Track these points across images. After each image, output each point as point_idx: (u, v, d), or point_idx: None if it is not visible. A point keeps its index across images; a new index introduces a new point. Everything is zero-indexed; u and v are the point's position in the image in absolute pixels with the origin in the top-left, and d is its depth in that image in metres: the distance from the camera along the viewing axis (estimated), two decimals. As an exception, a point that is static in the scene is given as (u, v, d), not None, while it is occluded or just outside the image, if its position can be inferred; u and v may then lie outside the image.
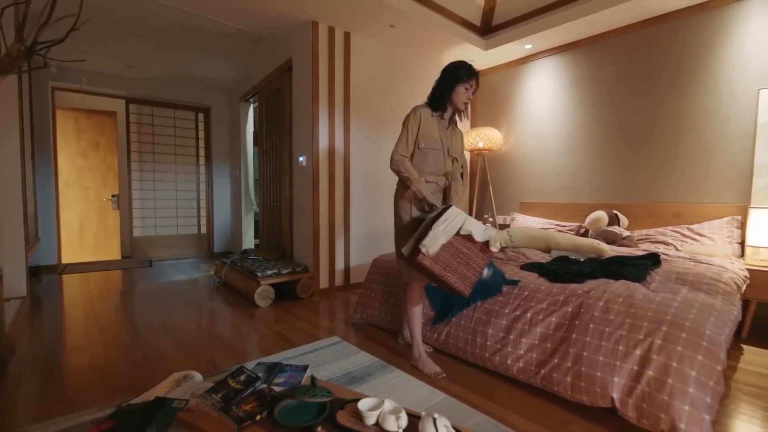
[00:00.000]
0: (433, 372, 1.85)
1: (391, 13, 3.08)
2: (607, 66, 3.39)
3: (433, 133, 1.91)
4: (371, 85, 3.65)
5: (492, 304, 1.93)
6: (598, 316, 1.60)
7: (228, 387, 1.22)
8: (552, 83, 3.80)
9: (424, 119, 1.92)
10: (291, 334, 2.43)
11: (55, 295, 3.36)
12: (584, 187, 3.59)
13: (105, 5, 2.96)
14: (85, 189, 5.14)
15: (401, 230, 1.91)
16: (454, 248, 1.66)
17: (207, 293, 3.48)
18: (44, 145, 4.25)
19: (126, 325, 2.59)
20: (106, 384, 1.77)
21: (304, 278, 3.24)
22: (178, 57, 4.16)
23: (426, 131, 1.91)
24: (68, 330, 2.49)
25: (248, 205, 5.36)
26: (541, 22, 3.33)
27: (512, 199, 4.20)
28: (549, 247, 2.71)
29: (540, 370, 1.65)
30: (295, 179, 3.69)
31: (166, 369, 1.92)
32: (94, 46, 3.81)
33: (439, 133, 1.93)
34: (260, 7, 3.02)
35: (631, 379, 1.43)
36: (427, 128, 1.91)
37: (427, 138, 1.90)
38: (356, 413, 1.13)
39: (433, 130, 1.92)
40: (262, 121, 4.40)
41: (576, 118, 3.62)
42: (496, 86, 4.32)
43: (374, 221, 3.73)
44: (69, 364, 1.99)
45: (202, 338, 2.36)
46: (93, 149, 5.13)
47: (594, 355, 1.53)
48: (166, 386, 1.65)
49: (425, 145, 1.90)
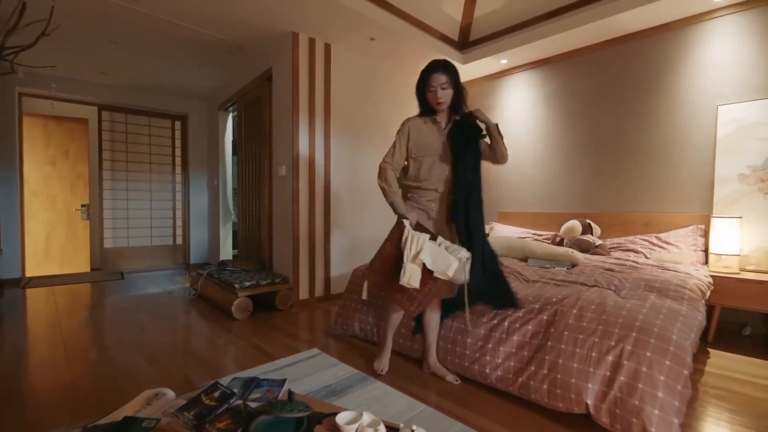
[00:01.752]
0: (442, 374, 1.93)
1: (370, 27, 3.13)
2: (578, 81, 3.54)
3: (426, 140, 1.91)
4: (352, 96, 3.67)
5: (470, 312, 1.95)
6: (572, 323, 1.64)
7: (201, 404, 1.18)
8: (527, 97, 3.92)
9: (413, 129, 1.92)
10: (269, 347, 2.37)
11: (17, 310, 3.18)
12: (559, 197, 3.70)
13: (77, 11, 2.89)
14: (53, 198, 4.92)
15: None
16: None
17: (182, 306, 3.37)
18: (9, 153, 4.06)
19: (94, 341, 2.47)
20: (71, 404, 1.68)
21: (283, 289, 3.19)
22: (154, 64, 4.08)
23: (418, 139, 1.91)
24: (31, 347, 2.35)
25: (226, 215, 5.25)
26: (516, 38, 3.45)
27: (491, 208, 4.28)
28: (526, 255, 2.77)
29: (518, 378, 1.68)
30: (274, 189, 3.65)
31: (136, 387, 1.84)
32: (65, 52, 3.70)
33: (434, 137, 1.91)
34: (239, 17, 3.01)
35: (604, 384, 1.46)
36: (419, 136, 1.91)
37: (420, 146, 1.90)
38: (334, 427, 1.11)
39: (427, 136, 1.91)
40: (242, 129, 4.35)
41: (551, 131, 3.75)
42: (474, 99, 4.42)
43: (355, 231, 3.73)
44: (31, 383, 1.88)
45: (176, 354, 2.28)
46: (62, 157, 4.94)
47: (569, 362, 1.56)
48: (135, 405, 1.58)
49: (417, 153, 1.90)
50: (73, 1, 2.74)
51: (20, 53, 2.50)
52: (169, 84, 4.76)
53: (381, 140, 3.92)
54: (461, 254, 1.68)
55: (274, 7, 2.84)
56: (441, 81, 1.81)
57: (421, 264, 1.67)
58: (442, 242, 1.73)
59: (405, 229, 1.73)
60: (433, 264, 1.64)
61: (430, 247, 1.67)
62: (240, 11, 2.92)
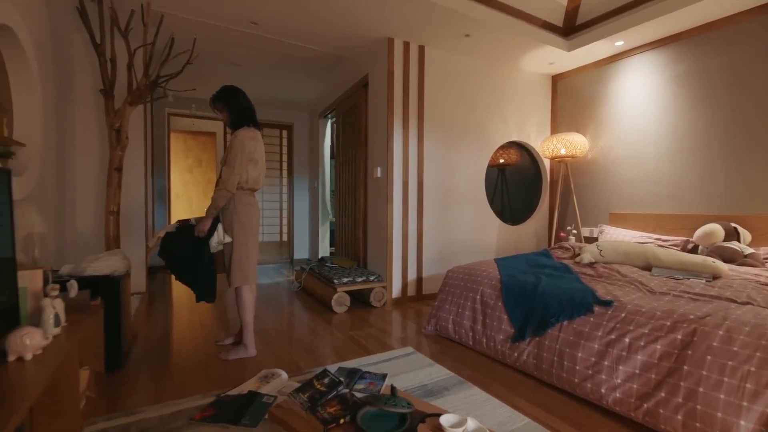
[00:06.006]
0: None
1: (465, 22, 3.06)
2: (716, 58, 2.96)
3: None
4: (445, 96, 3.64)
5: (581, 324, 1.77)
6: (718, 346, 1.37)
7: (313, 388, 1.28)
8: (649, 81, 3.42)
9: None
10: (366, 341, 2.48)
11: (165, 292, 3.87)
12: (692, 196, 3.15)
13: (210, 40, 3.40)
14: (190, 200, 5.87)
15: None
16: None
17: (288, 297, 3.72)
18: (161, 163, 4.97)
19: (221, 322, 2.88)
20: (206, 374, 1.98)
21: (377, 287, 3.31)
22: (267, 80, 4.58)
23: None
24: (176, 324, 2.84)
25: (324, 215, 5.65)
26: (636, 15, 3.03)
27: (600, 209, 3.84)
28: (648, 263, 2.42)
29: (642, 403, 1.47)
30: (369, 190, 3.81)
31: (255, 365, 2.08)
32: (199, 76, 4.38)
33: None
34: (339, 30, 3.21)
35: (762, 424, 1.20)
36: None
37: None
38: (437, 429, 1.11)
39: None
40: (339, 135, 4.64)
41: (681, 119, 3.21)
42: (579, 88, 4.02)
43: (447, 232, 3.68)
44: (177, 354, 2.26)
45: (285, 339, 2.52)
46: (197, 166, 5.86)
47: (713, 392, 1.31)
48: (255, 381, 1.80)
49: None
50: (207, 32, 3.22)
51: (170, 80, 3.04)
52: (278, 97, 5.30)
53: (475, 140, 3.80)
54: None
55: (371, 15, 2.96)
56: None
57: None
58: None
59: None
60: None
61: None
62: (341, 24, 3.11)
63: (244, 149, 2.12)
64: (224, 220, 2.17)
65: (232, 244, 2.15)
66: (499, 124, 3.94)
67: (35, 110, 2.01)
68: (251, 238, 2.21)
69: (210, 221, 2.10)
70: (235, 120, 2.22)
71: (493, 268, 2.51)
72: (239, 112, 2.22)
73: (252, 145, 2.17)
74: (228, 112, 2.22)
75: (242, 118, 2.22)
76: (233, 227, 2.15)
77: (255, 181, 2.23)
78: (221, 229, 2.13)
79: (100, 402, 1.69)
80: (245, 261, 2.19)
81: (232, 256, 2.16)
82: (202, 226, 2.09)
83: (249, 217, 2.19)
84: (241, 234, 2.16)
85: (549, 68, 4.05)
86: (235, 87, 2.27)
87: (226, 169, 2.09)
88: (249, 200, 2.22)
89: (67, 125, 2.78)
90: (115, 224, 2.62)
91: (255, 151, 2.19)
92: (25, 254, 1.79)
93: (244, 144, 2.13)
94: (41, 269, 1.40)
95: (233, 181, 2.09)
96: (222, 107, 2.23)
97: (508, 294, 2.19)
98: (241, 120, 2.22)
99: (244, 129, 2.19)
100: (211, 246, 2.10)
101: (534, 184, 4.49)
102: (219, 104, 2.23)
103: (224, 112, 2.23)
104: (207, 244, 2.09)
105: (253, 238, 2.23)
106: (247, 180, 2.17)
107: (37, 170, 2.02)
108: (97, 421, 1.52)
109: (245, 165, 2.14)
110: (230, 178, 2.08)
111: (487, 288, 2.33)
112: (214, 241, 2.10)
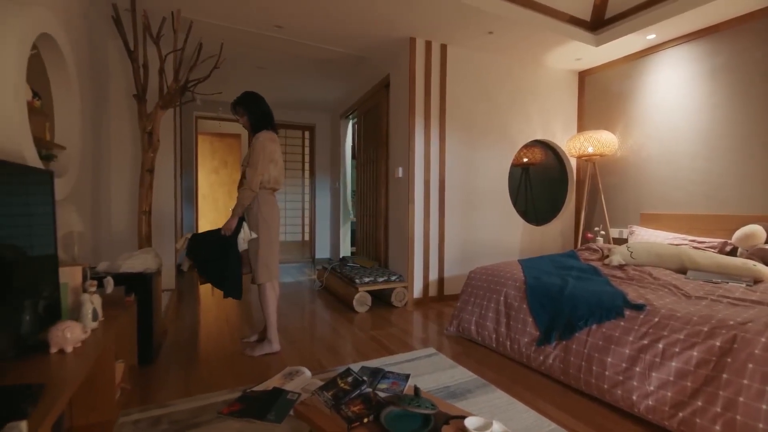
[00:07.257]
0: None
1: (489, 20, 3.01)
2: (759, 50, 2.80)
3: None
4: (467, 94, 3.60)
5: (611, 329, 1.72)
6: (760, 354, 1.30)
7: (337, 387, 1.29)
8: (683, 75, 3.27)
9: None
10: (387, 341, 2.48)
11: (193, 289, 4.00)
12: (730, 195, 2.99)
13: (235, 44, 3.48)
14: (216, 201, 6.04)
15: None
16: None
17: (310, 296, 3.77)
18: (189, 164, 5.13)
19: (245, 319, 2.94)
20: (232, 370, 2.03)
21: (398, 287, 3.31)
22: (290, 83, 4.66)
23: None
24: (203, 320, 2.93)
25: (345, 215, 5.69)
26: (669, 7, 2.91)
27: (630, 210, 3.70)
28: (683, 266, 2.31)
29: (677, 412, 1.40)
30: (390, 190, 3.81)
31: (279, 362, 2.12)
32: (225, 80, 4.50)
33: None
34: (361, 31, 3.22)
35: (815, 439, 1.12)
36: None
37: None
38: (462, 431, 1.10)
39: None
40: (361, 135, 4.66)
41: (718, 115, 3.05)
42: (608, 84, 3.89)
43: (469, 232, 3.64)
44: (204, 350, 2.33)
45: (308, 337, 2.56)
46: (222, 167, 6.03)
47: (754, 403, 1.24)
48: (280, 378, 1.83)
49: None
50: (233, 36, 3.31)
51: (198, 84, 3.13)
52: (301, 98, 5.38)
53: (498, 139, 3.74)
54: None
55: (394, 15, 2.96)
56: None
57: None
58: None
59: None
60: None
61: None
62: (363, 25, 3.12)
63: (266, 150, 2.19)
64: (249, 218, 2.22)
65: (257, 242, 2.20)
66: (522, 123, 3.86)
67: (74, 115, 2.12)
68: (274, 235, 2.27)
69: (236, 220, 2.16)
70: (255, 124, 2.30)
71: (517, 269, 2.46)
72: (259, 117, 2.30)
73: (272, 146, 2.24)
74: (248, 117, 2.31)
75: (262, 122, 2.30)
76: (258, 225, 2.21)
77: (276, 181, 2.28)
78: (246, 227, 2.19)
79: (134, 394, 1.76)
80: (270, 258, 2.24)
81: (258, 254, 2.21)
82: (229, 224, 2.15)
83: (272, 215, 2.26)
84: (265, 231, 2.22)
85: (575, 64, 3.93)
86: (256, 93, 2.35)
87: (250, 170, 2.15)
88: (270, 199, 2.28)
89: (102, 129, 2.92)
90: (147, 223, 2.72)
91: (275, 152, 2.26)
92: (65, 252, 1.88)
93: (265, 146, 2.19)
94: (81, 266, 1.48)
95: (257, 180, 2.15)
96: (243, 112, 2.31)
97: (533, 296, 2.14)
98: (260, 124, 2.29)
99: (264, 132, 2.25)
100: (239, 244, 2.16)
101: (559, 183, 4.38)
102: (240, 109, 2.31)
103: (245, 116, 2.32)
104: (234, 242, 2.15)
105: (276, 236, 2.29)
106: (269, 180, 2.23)
107: (75, 172, 2.13)
108: (131, 413, 1.58)
109: (267, 165, 2.20)
110: (254, 178, 2.14)
111: (511, 289, 2.29)
112: (240, 238, 2.16)
